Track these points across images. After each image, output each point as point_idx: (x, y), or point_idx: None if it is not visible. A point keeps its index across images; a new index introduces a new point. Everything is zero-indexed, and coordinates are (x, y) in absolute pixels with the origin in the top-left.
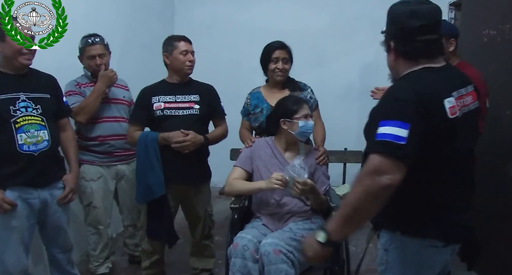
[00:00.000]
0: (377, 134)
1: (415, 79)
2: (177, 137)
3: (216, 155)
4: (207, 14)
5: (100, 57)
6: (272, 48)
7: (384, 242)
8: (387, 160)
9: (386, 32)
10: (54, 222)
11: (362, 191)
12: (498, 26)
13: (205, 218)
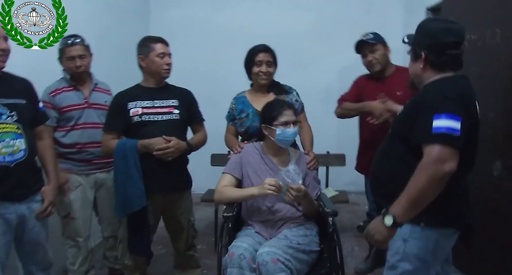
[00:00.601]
0: (434, 128)
1: (452, 83)
2: (159, 144)
3: (195, 161)
4: (184, 15)
5: (80, 59)
6: (256, 51)
7: (403, 233)
8: (447, 149)
9: (417, 43)
10: (32, 237)
11: (427, 178)
12: (480, 31)
13: (189, 227)
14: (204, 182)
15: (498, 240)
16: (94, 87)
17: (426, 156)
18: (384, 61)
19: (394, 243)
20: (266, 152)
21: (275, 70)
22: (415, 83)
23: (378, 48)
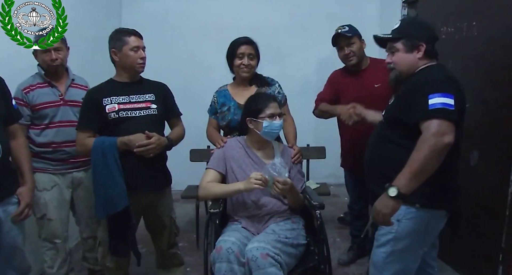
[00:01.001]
0: (430, 105)
1: (440, 68)
2: (139, 140)
3: (173, 156)
4: (158, 7)
5: (56, 51)
6: (238, 44)
7: (397, 214)
8: (445, 122)
9: (414, 36)
10: (9, 241)
11: (429, 150)
12: (456, 24)
13: (171, 225)
14: (184, 178)
15: (475, 227)
16: (71, 83)
17: (425, 130)
18: (360, 54)
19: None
20: (250, 146)
21: (257, 63)
22: (405, 74)
23: (354, 41)
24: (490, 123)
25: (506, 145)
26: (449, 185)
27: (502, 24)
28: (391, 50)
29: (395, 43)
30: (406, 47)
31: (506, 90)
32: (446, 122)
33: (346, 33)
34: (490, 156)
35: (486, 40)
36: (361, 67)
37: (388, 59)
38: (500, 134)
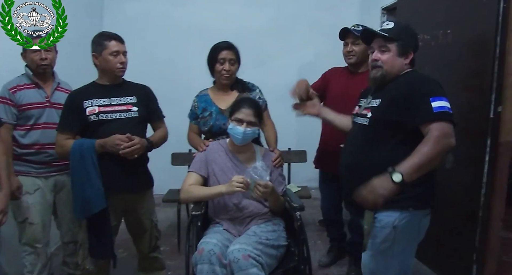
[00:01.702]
0: (434, 108)
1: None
2: (113, 142)
3: (155, 160)
4: (140, 10)
5: (45, 51)
6: (219, 49)
7: (392, 220)
8: (450, 125)
9: (407, 42)
10: None
11: (439, 148)
12: (432, 32)
13: (152, 228)
14: (165, 181)
15: (451, 228)
16: (57, 87)
17: (433, 130)
18: (361, 57)
19: (382, 231)
20: (231, 149)
21: (238, 68)
22: (389, 75)
23: (360, 42)
24: (463, 128)
25: (478, 148)
26: (433, 187)
27: (475, 32)
28: (382, 49)
29: (389, 43)
30: (398, 51)
31: (478, 96)
32: (450, 125)
33: (356, 32)
34: (464, 159)
35: (460, 47)
36: (358, 69)
37: (375, 56)
38: (473, 138)
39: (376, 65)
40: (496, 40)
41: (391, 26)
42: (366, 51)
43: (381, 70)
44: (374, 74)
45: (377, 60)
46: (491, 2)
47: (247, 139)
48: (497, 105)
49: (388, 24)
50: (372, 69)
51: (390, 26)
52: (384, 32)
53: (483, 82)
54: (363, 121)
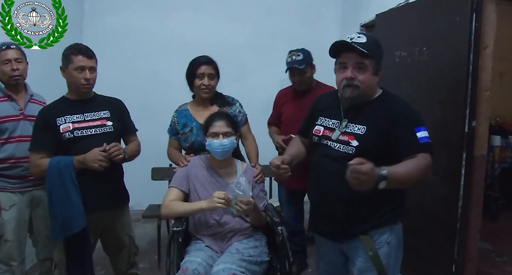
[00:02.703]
0: (420, 138)
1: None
2: (94, 157)
3: (134, 175)
4: (120, 23)
5: (16, 62)
6: (198, 64)
7: (385, 238)
8: (431, 157)
9: (379, 59)
10: None
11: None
12: (408, 48)
13: (130, 244)
14: (145, 197)
15: (430, 239)
16: (30, 99)
17: (425, 159)
18: (310, 81)
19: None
20: (212, 165)
21: (217, 82)
22: (365, 96)
23: (306, 70)
24: (439, 141)
25: (454, 161)
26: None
27: (449, 50)
28: (360, 66)
29: (366, 60)
30: (373, 69)
31: (452, 110)
32: (431, 155)
33: (299, 66)
34: (441, 172)
35: (435, 64)
36: (308, 88)
37: (350, 74)
38: (449, 151)
39: (351, 84)
40: (469, 57)
41: (364, 40)
42: (312, 74)
43: (357, 90)
44: (350, 94)
45: (353, 79)
46: (463, 21)
47: (227, 151)
48: (471, 120)
49: (360, 37)
50: (346, 87)
51: (364, 40)
52: (359, 46)
53: (457, 97)
54: (346, 150)
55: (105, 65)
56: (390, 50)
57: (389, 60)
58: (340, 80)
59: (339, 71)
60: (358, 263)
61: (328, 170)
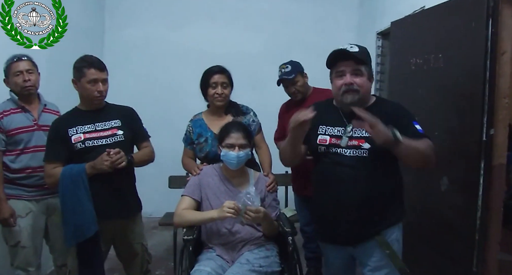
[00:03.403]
0: (419, 129)
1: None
2: (104, 156)
3: (151, 182)
4: (139, 34)
5: (28, 73)
6: (211, 73)
7: (395, 236)
8: None
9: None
10: None
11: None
12: (424, 56)
13: (142, 252)
14: (162, 205)
15: (447, 251)
16: (44, 108)
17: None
18: (304, 89)
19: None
20: (225, 174)
21: (231, 91)
22: (363, 100)
23: (297, 79)
24: (456, 150)
25: (472, 171)
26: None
27: (465, 56)
28: (356, 72)
29: (361, 66)
30: (368, 74)
31: (469, 118)
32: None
33: (288, 77)
34: (459, 181)
35: (451, 71)
36: (305, 97)
37: (349, 80)
38: (466, 160)
39: (352, 89)
40: (486, 64)
41: (357, 49)
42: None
43: (357, 95)
44: (352, 99)
45: (352, 84)
46: (479, 27)
47: (241, 163)
48: (489, 128)
49: (352, 47)
50: (346, 93)
51: (356, 50)
52: (349, 51)
53: (474, 105)
54: (359, 153)
55: (125, 75)
56: (406, 57)
57: (405, 68)
58: (338, 86)
59: (336, 79)
60: (371, 263)
61: (341, 176)
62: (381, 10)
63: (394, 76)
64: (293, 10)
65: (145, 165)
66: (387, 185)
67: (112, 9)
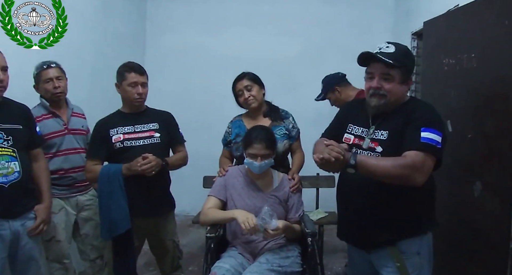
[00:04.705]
0: (422, 137)
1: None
2: (139, 160)
3: (187, 182)
4: (178, 41)
5: (57, 80)
6: (234, 83)
7: (414, 248)
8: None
9: (408, 69)
10: (26, 253)
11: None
12: (457, 56)
13: (174, 249)
14: (197, 203)
15: (479, 260)
16: (72, 113)
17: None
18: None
19: (408, 261)
20: (249, 175)
21: (260, 89)
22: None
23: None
24: (490, 154)
25: (507, 175)
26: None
27: (499, 56)
28: (385, 76)
29: (392, 70)
30: (400, 78)
31: (504, 121)
32: (430, 158)
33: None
34: (493, 186)
35: (485, 72)
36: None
37: (377, 84)
38: (501, 164)
39: (378, 93)
40: None
41: (393, 50)
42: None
43: (384, 99)
44: (376, 103)
45: (379, 88)
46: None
47: (264, 170)
48: None
49: (388, 47)
50: (373, 96)
51: (392, 50)
52: (386, 56)
53: (509, 106)
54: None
55: (165, 80)
56: (438, 58)
57: (437, 69)
58: (367, 89)
59: (367, 80)
60: (384, 273)
61: (353, 177)
62: (416, 10)
63: (426, 77)
64: (327, 13)
65: (178, 168)
66: (404, 192)
67: (153, 17)
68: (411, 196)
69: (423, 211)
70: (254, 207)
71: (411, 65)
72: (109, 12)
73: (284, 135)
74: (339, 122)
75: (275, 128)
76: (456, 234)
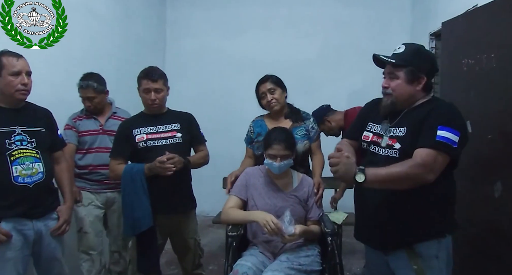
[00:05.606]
0: (438, 136)
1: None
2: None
3: (208, 183)
4: (197, 45)
5: (88, 100)
6: (257, 85)
7: (433, 252)
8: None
9: (417, 67)
10: (49, 253)
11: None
12: (476, 56)
13: (195, 247)
14: (218, 204)
15: (503, 261)
16: (112, 115)
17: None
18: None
19: (425, 264)
20: (269, 175)
21: (282, 92)
22: (401, 103)
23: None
24: (511, 154)
25: None
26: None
27: None
28: (391, 76)
29: (396, 70)
30: (407, 78)
31: None
32: (442, 157)
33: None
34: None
35: (504, 71)
36: None
37: (384, 84)
38: None
39: (386, 92)
40: None
41: (402, 50)
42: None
43: (391, 98)
44: (385, 102)
45: (386, 88)
46: None
47: (283, 170)
48: None
49: (399, 48)
50: (383, 96)
51: (401, 50)
52: (393, 57)
53: None
54: (390, 153)
55: (185, 83)
56: (457, 58)
57: (457, 69)
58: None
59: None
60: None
61: None
62: (433, 10)
63: (446, 78)
64: (345, 15)
65: (199, 167)
66: (421, 193)
67: (172, 22)
68: (428, 199)
69: (441, 214)
70: (275, 206)
71: (421, 64)
72: (130, 17)
73: (304, 136)
74: (360, 121)
75: (296, 129)
76: (476, 235)
